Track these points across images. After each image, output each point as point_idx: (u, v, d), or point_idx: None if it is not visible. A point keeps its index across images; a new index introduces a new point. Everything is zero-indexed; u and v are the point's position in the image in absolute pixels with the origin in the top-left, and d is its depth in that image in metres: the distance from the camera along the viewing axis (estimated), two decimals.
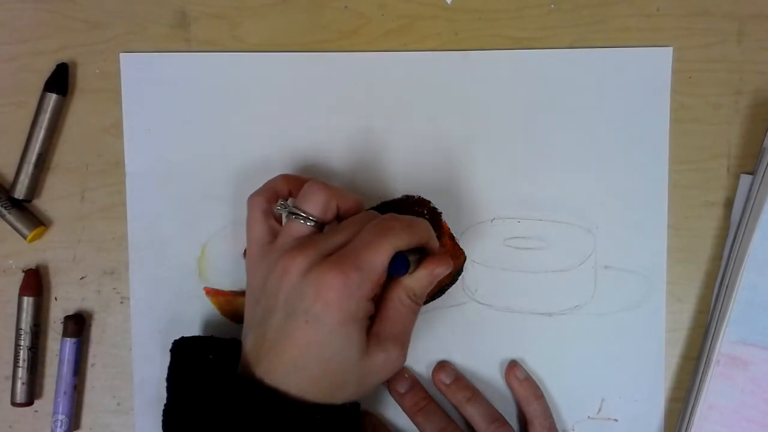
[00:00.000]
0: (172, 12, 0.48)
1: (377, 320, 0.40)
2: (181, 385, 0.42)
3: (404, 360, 0.41)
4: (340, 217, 0.42)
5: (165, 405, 0.41)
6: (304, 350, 0.38)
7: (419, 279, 0.41)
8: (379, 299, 0.40)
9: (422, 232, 0.40)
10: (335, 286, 0.37)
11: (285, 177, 0.44)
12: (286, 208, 0.41)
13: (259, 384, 0.38)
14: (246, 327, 0.41)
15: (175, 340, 0.43)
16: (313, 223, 0.40)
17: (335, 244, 0.39)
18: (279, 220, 0.43)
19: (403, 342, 0.40)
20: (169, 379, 0.42)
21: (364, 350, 0.39)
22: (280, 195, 0.43)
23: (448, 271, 0.41)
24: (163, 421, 0.41)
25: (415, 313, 0.42)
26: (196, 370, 0.42)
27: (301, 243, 0.39)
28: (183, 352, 0.43)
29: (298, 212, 0.40)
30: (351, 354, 0.38)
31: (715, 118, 0.48)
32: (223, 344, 0.43)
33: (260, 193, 0.43)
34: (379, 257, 0.38)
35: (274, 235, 0.42)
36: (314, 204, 0.40)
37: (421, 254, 0.41)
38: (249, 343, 0.40)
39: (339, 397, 0.39)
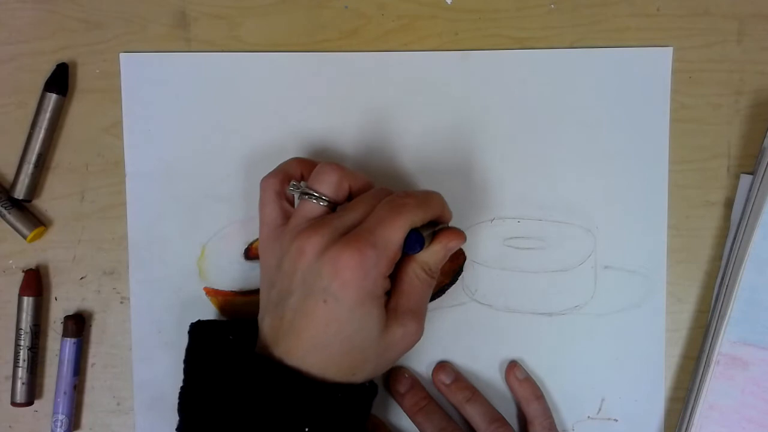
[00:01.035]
0: (172, 12, 0.48)
1: (394, 295, 0.40)
2: (199, 366, 0.42)
3: (422, 333, 0.41)
4: (352, 197, 0.42)
5: (182, 387, 0.42)
6: (324, 329, 0.38)
7: (434, 253, 0.41)
8: (394, 274, 0.40)
9: (436, 205, 0.41)
10: (352, 264, 0.37)
11: (298, 159, 0.44)
12: (298, 188, 0.41)
13: (280, 363, 0.38)
14: (262, 310, 0.41)
15: (193, 323, 0.43)
16: (326, 203, 0.40)
17: (349, 223, 0.39)
18: (291, 202, 0.43)
19: (419, 316, 0.41)
20: (186, 361, 0.42)
21: (383, 326, 0.39)
22: (292, 177, 0.43)
23: (461, 244, 0.42)
24: (179, 403, 0.41)
25: (430, 287, 0.42)
26: (215, 351, 0.42)
27: (315, 223, 0.39)
28: (200, 334, 0.43)
29: (311, 192, 0.40)
30: (371, 331, 0.38)
31: (715, 118, 0.48)
32: (241, 326, 0.43)
33: (273, 175, 0.43)
34: (394, 234, 0.38)
35: (287, 216, 0.42)
36: (327, 184, 0.40)
37: (434, 227, 0.41)
38: (266, 325, 0.40)
39: (359, 374, 0.39)
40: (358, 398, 0.39)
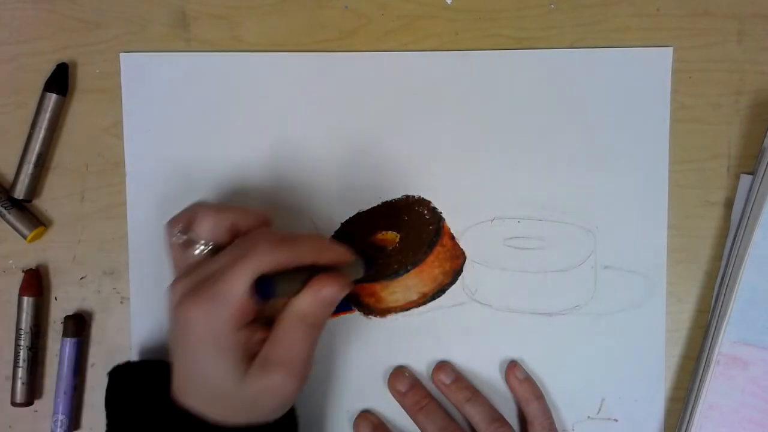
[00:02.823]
0: (172, 12, 0.48)
1: (267, 343, 0.38)
2: (118, 409, 0.42)
3: (296, 386, 0.39)
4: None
5: (106, 429, 0.42)
6: (191, 378, 0.39)
7: (306, 301, 0.39)
8: (276, 320, 0.39)
9: (303, 250, 0.39)
10: (193, 319, 0.37)
11: (200, 204, 0.42)
12: (180, 237, 0.40)
13: (181, 409, 0.39)
14: None
15: (114, 368, 0.44)
16: (205, 248, 0.40)
17: (209, 272, 0.38)
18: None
19: (292, 368, 0.38)
20: (107, 404, 0.43)
21: (239, 377, 0.37)
22: (191, 222, 0.41)
23: (339, 293, 0.39)
24: None
25: (311, 337, 0.39)
26: (132, 393, 0.42)
27: (184, 272, 0.39)
28: (120, 377, 0.44)
29: (189, 241, 0.40)
30: (225, 381, 0.37)
31: (715, 118, 0.48)
32: (158, 367, 0.43)
33: (174, 219, 0.42)
34: (233, 285, 0.36)
35: (184, 258, 0.41)
36: (204, 229, 0.40)
37: (308, 273, 0.39)
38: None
39: (245, 418, 0.39)
40: None
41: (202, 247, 0.40)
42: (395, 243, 0.48)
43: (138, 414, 0.41)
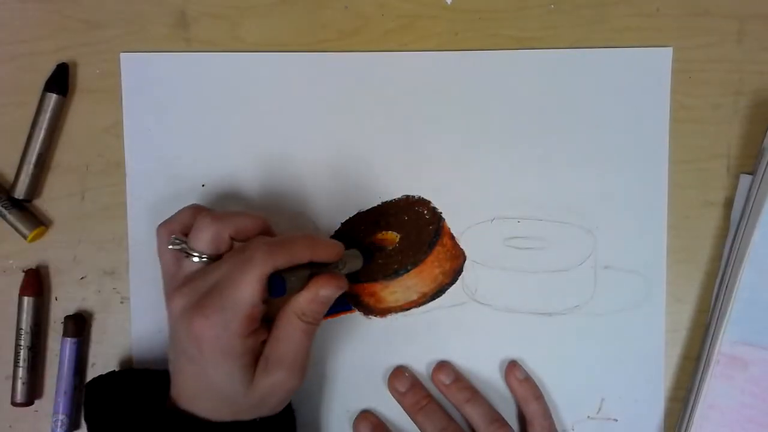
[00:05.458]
0: (172, 12, 0.48)
1: (268, 342, 0.40)
2: (103, 420, 0.42)
3: (298, 382, 0.40)
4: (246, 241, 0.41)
5: None
6: (194, 383, 0.39)
7: (306, 301, 0.40)
8: (275, 320, 0.40)
9: (300, 249, 0.39)
10: (201, 329, 0.37)
11: (193, 208, 0.43)
12: (178, 245, 0.41)
13: (172, 408, 0.40)
14: None
15: (91, 380, 0.45)
16: (202, 259, 0.40)
17: (211, 282, 0.38)
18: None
19: (292, 364, 0.39)
20: (88, 417, 0.43)
21: (248, 382, 0.39)
22: (185, 227, 0.42)
23: (338, 292, 0.41)
24: None
25: (307, 334, 0.40)
26: (115, 403, 0.43)
27: (183, 283, 0.39)
28: (102, 388, 0.44)
29: (188, 251, 0.40)
30: (234, 387, 0.39)
31: (715, 118, 0.48)
32: (137, 376, 0.45)
33: (166, 224, 0.42)
34: (241, 292, 0.37)
35: (180, 265, 0.41)
36: (202, 241, 0.40)
37: (311, 269, 0.40)
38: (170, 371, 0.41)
39: (245, 415, 0.40)
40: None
41: (203, 258, 0.40)
42: (395, 243, 0.48)
43: (128, 423, 0.41)
